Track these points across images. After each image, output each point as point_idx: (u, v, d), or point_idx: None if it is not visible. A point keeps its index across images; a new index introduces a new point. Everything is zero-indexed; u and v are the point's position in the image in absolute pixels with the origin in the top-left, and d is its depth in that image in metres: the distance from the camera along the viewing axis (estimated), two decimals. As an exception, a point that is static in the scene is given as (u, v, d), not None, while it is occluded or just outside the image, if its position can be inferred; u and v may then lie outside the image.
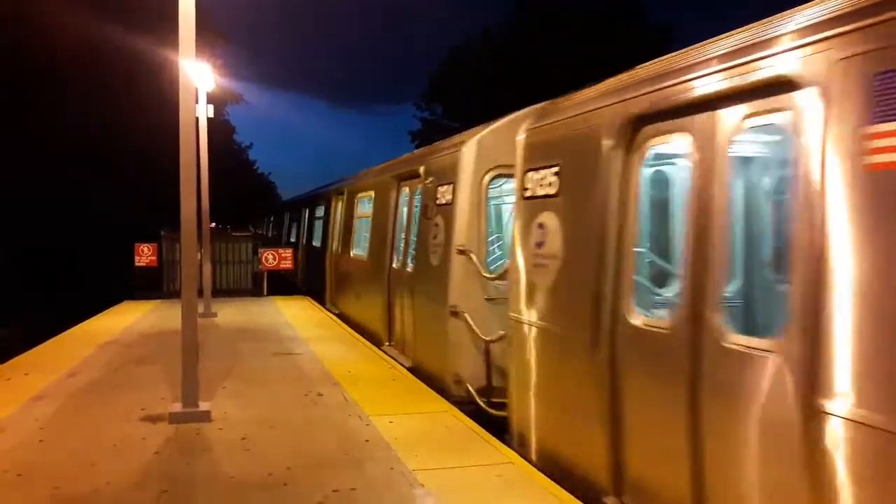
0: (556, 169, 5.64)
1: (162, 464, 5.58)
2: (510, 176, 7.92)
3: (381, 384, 8.38)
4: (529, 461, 5.74)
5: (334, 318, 14.54)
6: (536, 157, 6.04)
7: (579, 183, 5.32)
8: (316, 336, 11.91)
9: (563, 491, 5.06)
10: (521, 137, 6.39)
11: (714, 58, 4.08)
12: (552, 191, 5.66)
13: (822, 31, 3.28)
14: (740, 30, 4.17)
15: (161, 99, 18.57)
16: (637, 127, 4.70)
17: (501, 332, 7.00)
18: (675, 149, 4.76)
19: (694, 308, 4.00)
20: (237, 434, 6.35)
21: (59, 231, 23.97)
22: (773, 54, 3.57)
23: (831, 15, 3.30)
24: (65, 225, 24.21)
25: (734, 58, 3.87)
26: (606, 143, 4.93)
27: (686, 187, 4.25)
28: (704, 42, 4.53)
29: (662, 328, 4.35)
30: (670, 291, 5.46)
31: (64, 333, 12.06)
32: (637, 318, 4.59)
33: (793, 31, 3.51)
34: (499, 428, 6.61)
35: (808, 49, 3.34)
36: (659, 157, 5.22)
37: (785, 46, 3.51)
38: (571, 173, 5.46)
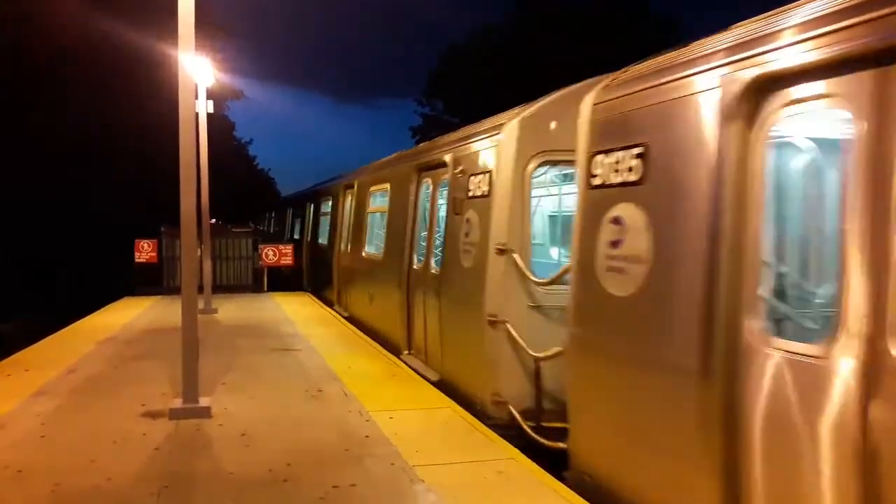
0: (639, 150, 4.61)
1: (162, 460, 5.58)
2: (560, 163, 7.16)
3: (381, 380, 8.38)
4: None
5: (334, 314, 14.53)
6: (609, 136, 4.97)
7: (675, 167, 4.27)
8: (316, 332, 11.91)
9: (565, 487, 5.06)
10: (585, 113, 5.31)
11: None
12: (633, 177, 4.64)
13: None
14: None
15: (160, 96, 18.58)
16: (763, 94, 3.65)
17: (557, 349, 6.00)
18: (816, 122, 3.89)
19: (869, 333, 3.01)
20: (237, 430, 6.35)
21: (59, 230, 23.98)
22: None
23: None
24: (65, 224, 24.23)
25: None
26: (716, 115, 3.90)
27: (842, 173, 3.30)
28: None
29: (811, 357, 3.30)
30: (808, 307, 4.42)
31: (64, 330, 12.06)
32: (772, 344, 3.57)
33: None
34: (552, 461, 5.61)
35: None
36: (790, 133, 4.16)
37: None
38: (662, 155, 4.42)
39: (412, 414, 6.91)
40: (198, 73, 13.24)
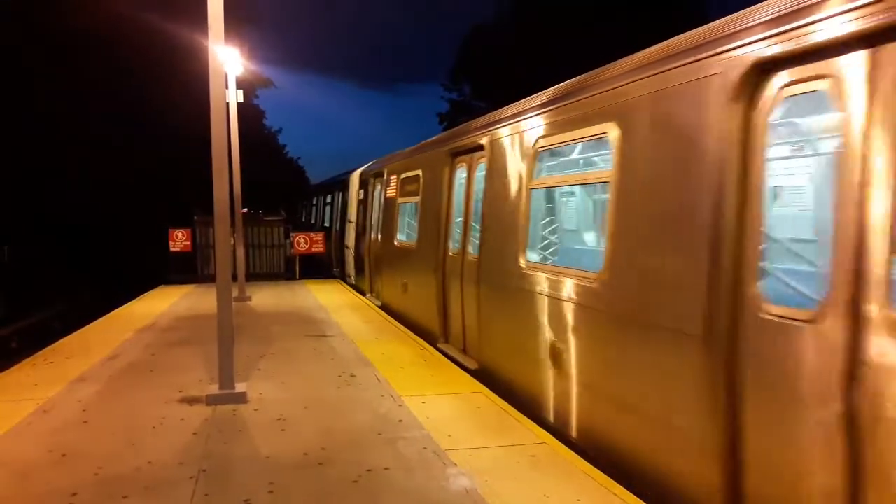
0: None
1: (200, 444, 5.69)
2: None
3: (413, 365, 8.43)
4: None
5: (366, 301, 14.63)
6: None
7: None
8: (348, 319, 12.01)
9: (597, 470, 5.06)
10: None
11: None
12: None
13: None
14: None
15: (191, 85, 18.84)
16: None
17: None
18: None
19: None
20: (272, 415, 6.45)
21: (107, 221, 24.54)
22: None
23: None
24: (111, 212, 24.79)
25: None
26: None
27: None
28: None
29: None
30: None
31: (102, 318, 12.33)
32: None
33: None
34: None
35: None
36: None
37: None
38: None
39: (444, 398, 6.94)
40: (228, 62, 13.36)
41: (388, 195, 13.63)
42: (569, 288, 5.97)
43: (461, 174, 9.63)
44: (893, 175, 3.17)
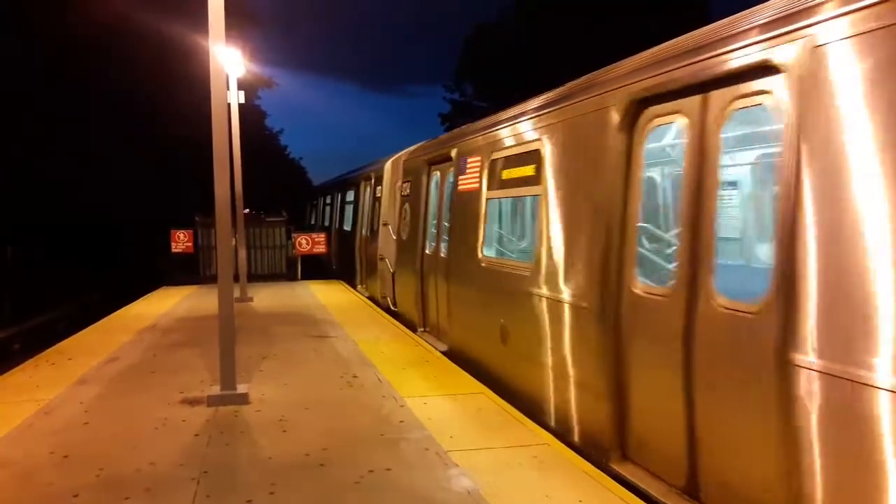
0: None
1: (202, 445, 5.69)
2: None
3: (415, 365, 8.42)
4: None
5: (367, 301, 14.62)
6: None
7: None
8: (349, 319, 12.00)
9: (599, 471, 5.05)
10: None
11: None
12: None
13: None
14: None
15: (193, 86, 18.85)
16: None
17: None
18: None
19: None
20: (274, 416, 6.45)
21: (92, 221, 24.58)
22: None
23: None
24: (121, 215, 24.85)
25: None
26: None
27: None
28: None
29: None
30: None
31: (104, 319, 12.34)
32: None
33: None
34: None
35: None
36: None
37: None
38: None
39: (446, 399, 6.94)
40: (229, 63, 13.36)
41: (463, 187, 9.15)
42: None
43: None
44: None
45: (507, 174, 7.77)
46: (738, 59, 4.06)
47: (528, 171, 7.07)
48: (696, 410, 4.38)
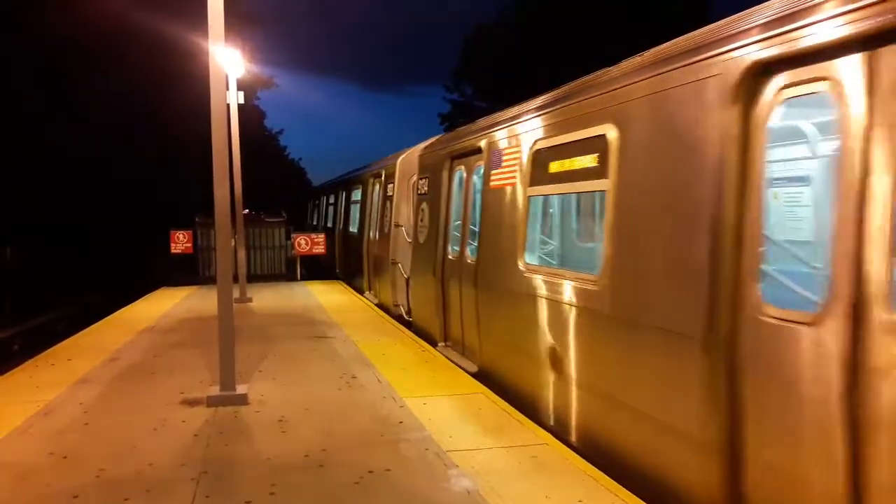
0: None
1: (201, 446, 5.69)
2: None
3: (414, 366, 8.43)
4: None
5: (366, 301, 14.62)
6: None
7: None
8: (348, 320, 12.01)
9: (599, 471, 5.05)
10: None
11: None
12: None
13: None
14: None
15: (192, 86, 18.86)
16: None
17: None
18: None
19: None
20: (274, 416, 6.45)
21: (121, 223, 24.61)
22: None
23: None
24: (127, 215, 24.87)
25: None
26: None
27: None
28: None
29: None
30: None
31: (104, 320, 12.34)
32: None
33: None
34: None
35: None
36: None
37: None
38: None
39: (445, 400, 6.94)
40: (228, 63, 13.36)
41: (496, 182, 7.86)
42: None
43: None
44: None
45: (559, 166, 6.46)
46: None
47: (590, 161, 5.82)
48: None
